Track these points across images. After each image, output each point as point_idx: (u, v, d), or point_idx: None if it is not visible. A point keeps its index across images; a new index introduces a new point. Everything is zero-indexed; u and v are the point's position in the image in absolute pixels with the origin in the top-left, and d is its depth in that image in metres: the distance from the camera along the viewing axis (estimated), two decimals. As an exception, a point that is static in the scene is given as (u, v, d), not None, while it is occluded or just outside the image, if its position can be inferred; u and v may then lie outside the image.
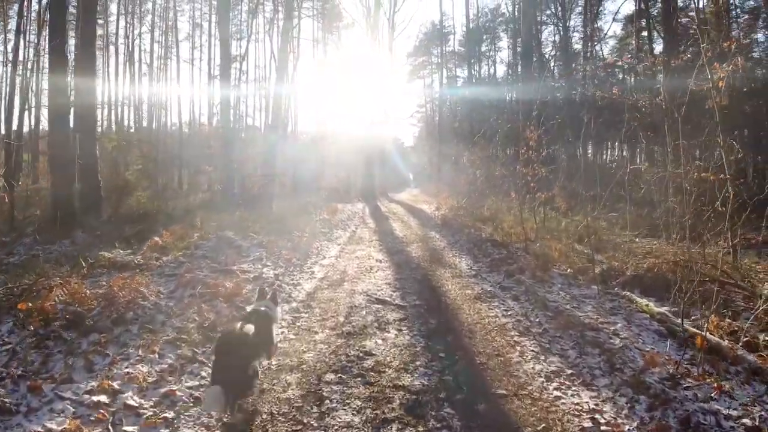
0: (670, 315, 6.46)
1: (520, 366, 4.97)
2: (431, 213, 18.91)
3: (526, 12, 23.56)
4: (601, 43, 33.16)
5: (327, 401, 4.00)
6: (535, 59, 29.00)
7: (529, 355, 5.26)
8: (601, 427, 3.80)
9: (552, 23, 34.04)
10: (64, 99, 12.07)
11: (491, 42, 39.20)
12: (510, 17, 36.74)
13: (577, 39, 33.96)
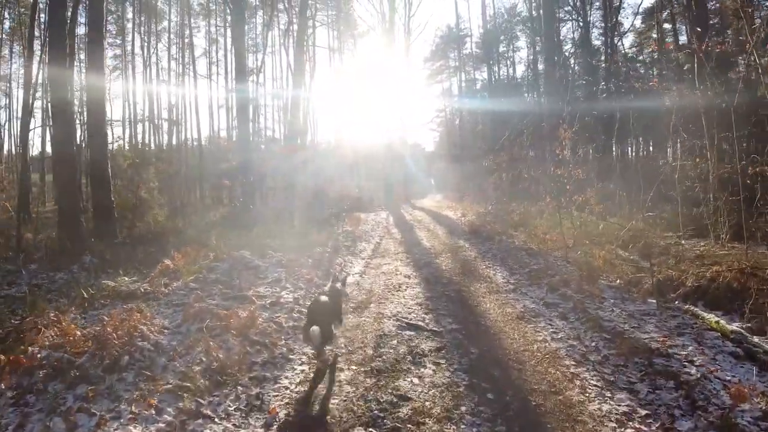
0: (745, 333, 5.57)
1: (583, 407, 4.14)
2: (457, 220, 18.05)
3: (546, 10, 22.55)
4: (622, 38, 32.05)
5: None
6: (556, 57, 27.90)
7: (592, 392, 4.41)
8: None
9: (570, 19, 32.93)
10: (68, 113, 11.44)
11: (509, 42, 38.21)
12: (527, 16, 35.79)
13: (596, 35, 32.93)
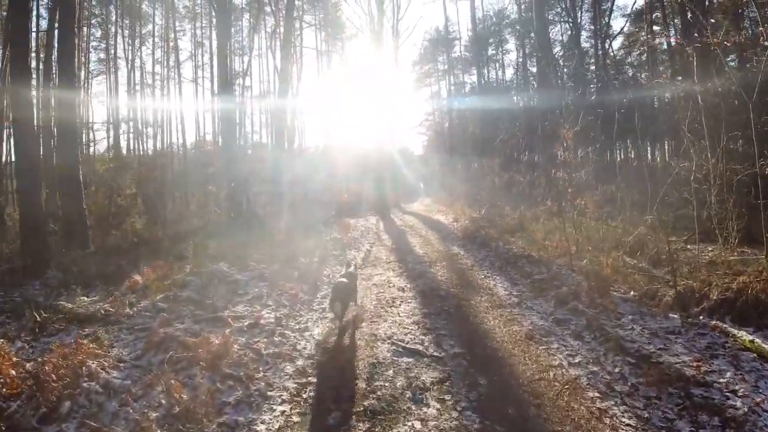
0: (784, 354, 4.88)
1: (621, 456, 3.38)
2: (449, 225, 17.27)
3: (538, 10, 21.94)
4: (611, 41, 31.65)
5: None
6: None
7: (627, 434, 3.67)
8: None
9: (560, 21, 32.47)
10: (27, 115, 10.45)
11: (497, 45, 37.66)
12: (516, 19, 35.30)
13: (584, 37, 32.52)
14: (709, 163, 9.70)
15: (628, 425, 3.81)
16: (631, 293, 7.11)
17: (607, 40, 30.58)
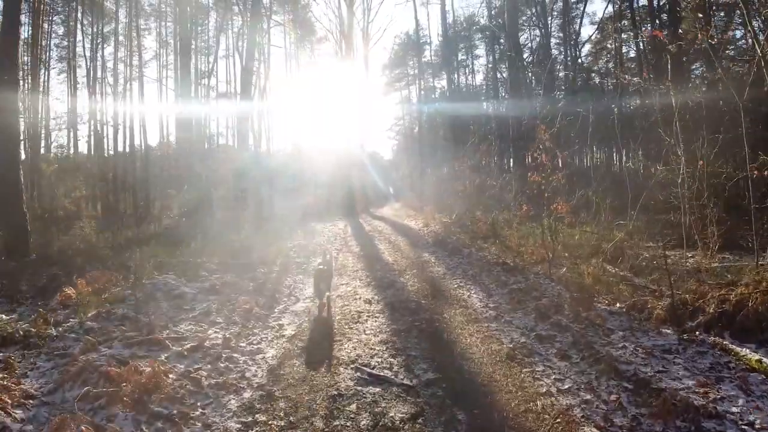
0: (796, 374, 4.34)
1: None
2: (420, 230, 16.60)
3: (511, 14, 21.53)
4: (578, 48, 31.64)
5: None
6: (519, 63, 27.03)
7: (638, 485, 3.01)
8: None
9: (529, 26, 32.34)
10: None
11: (468, 51, 37.39)
12: (486, 25, 35.06)
13: (553, 44, 32.48)
14: (682, 168, 9.27)
15: (636, 472, 3.15)
16: (617, 305, 6.51)
17: (576, 46, 30.59)
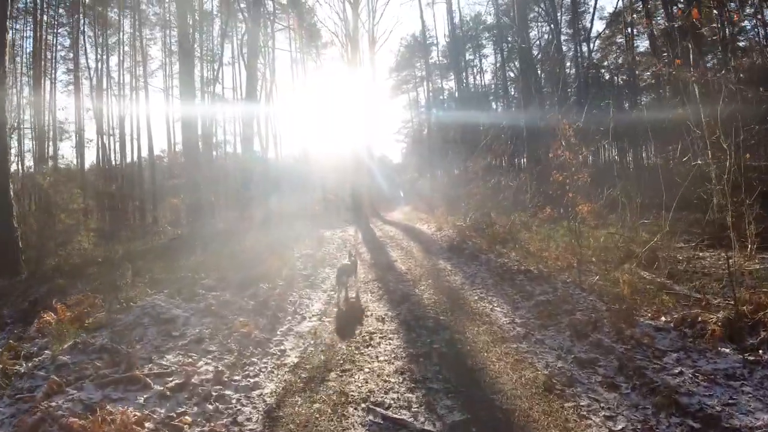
0: None
1: None
2: (432, 234, 15.80)
3: (521, 13, 20.77)
4: (589, 43, 30.72)
5: None
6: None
7: None
8: None
9: (536, 23, 31.48)
10: None
11: (475, 50, 36.59)
12: (493, 23, 34.27)
13: (562, 40, 31.60)
14: (729, 161, 8.43)
15: None
16: (663, 319, 5.68)
17: (588, 41, 29.68)
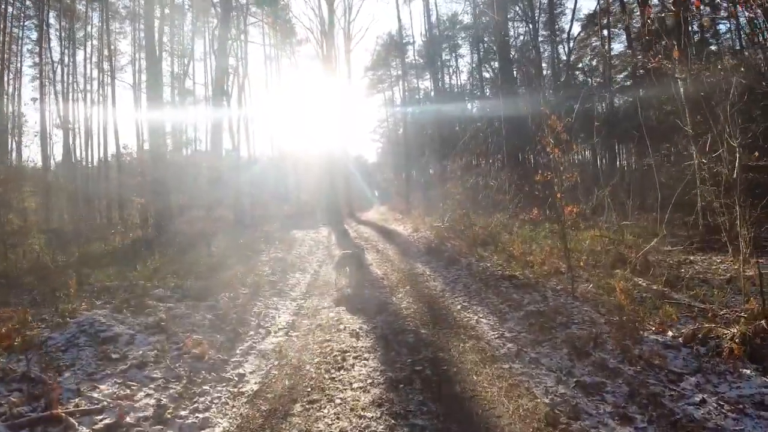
0: None
1: None
2: (409, 236, 15.10)
3: (501, 10, 20.26)
4: (564, 44, 30.47)
5: None
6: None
7: None
8: None
9: (512, 21, 31.05)
10: None
11: (452, 50, 36.04)
12: (470, 23, 33.78)
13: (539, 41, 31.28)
14: (732, 158, 7.92)
15: None
16: (670, 334, 5.05)
17: (567, 42, 29.39)
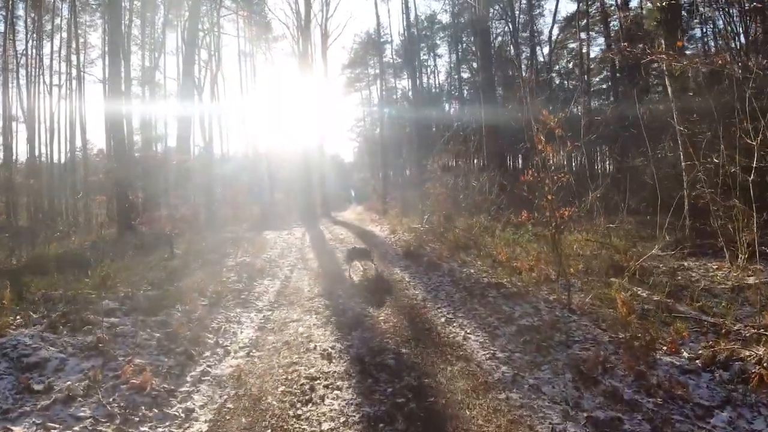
0: None
1: None
2: (386, 238, 14.37)
3: (483, 9, 19.68)
4: (540, 46, 30.20)
5: None
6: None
7: None
8: None
9: (492, 21, 30.64)
10: None
11: (429, 50, 35.50)
12: (448, 23, 33.29)
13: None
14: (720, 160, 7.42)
15: None
16: (685, 355, 4.41)
17: (540, 45, 29.13)
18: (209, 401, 4.00)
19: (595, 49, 31.30)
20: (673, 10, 9.71)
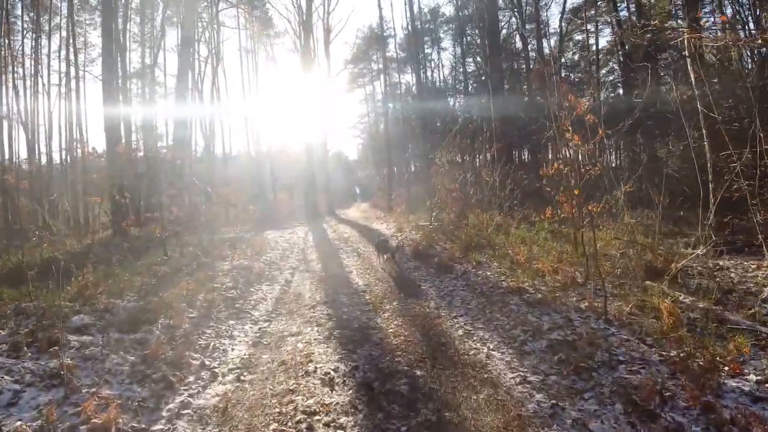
0: None
1: None
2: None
3: (490, 9, 18.90)
4: (548, 39, 29.34)
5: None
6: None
7: None
8: None
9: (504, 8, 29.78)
10: None
11: (433, 44, 34.59)
12: (452, 16, 32.43)
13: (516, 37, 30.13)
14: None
15: None
16: (753, 378, 3.67)
17: (547, 37, 28.27)
18: (184, 447, 3.28)
19: (602, 41, 30.41)
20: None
